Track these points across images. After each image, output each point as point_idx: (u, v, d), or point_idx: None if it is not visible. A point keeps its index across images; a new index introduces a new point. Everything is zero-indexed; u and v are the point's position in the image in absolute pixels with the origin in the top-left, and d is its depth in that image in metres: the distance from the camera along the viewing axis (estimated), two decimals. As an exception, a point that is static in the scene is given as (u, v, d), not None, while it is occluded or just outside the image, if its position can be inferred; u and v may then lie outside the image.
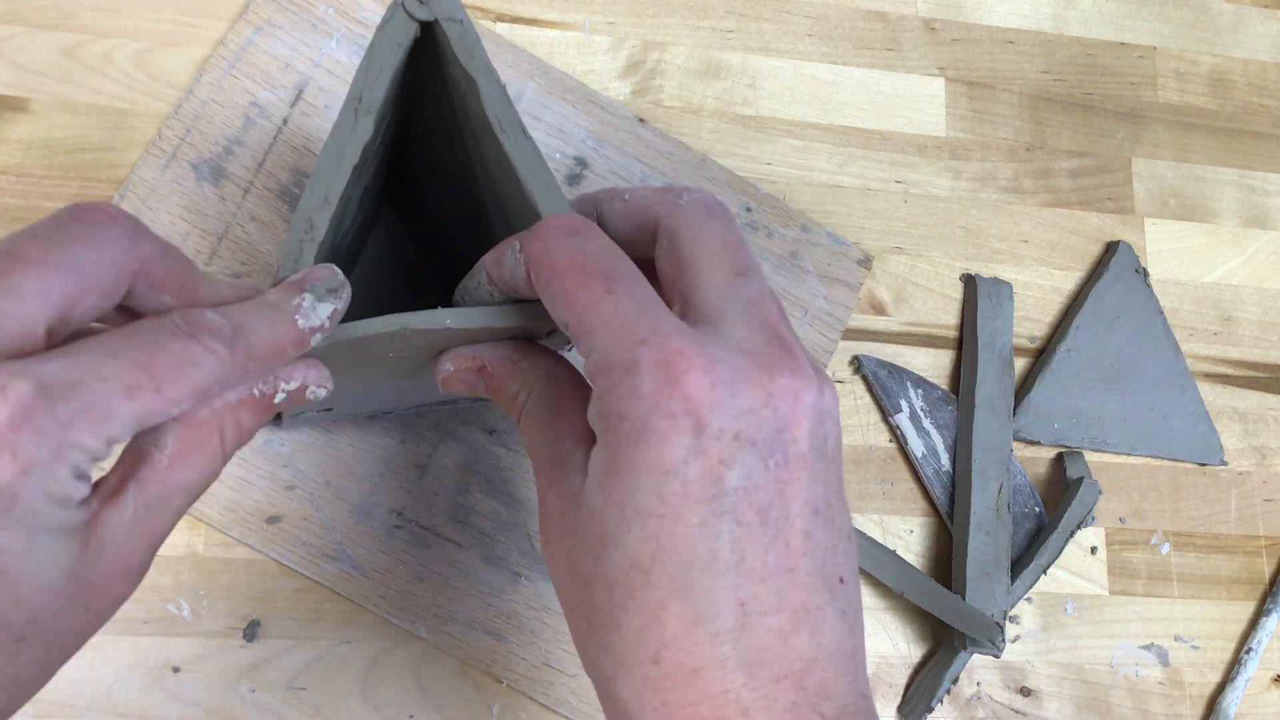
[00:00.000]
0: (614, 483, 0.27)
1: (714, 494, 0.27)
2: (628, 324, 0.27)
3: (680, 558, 0.26)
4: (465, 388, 0.34)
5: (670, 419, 0.26)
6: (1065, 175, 0.57)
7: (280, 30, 0.49)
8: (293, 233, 0.31)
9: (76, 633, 0.27)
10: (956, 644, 0.48)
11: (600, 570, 0.27)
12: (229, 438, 0.29)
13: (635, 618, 0.27)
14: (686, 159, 0.52)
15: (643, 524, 0.27)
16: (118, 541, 0.27)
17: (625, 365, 0.27)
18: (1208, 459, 0.54)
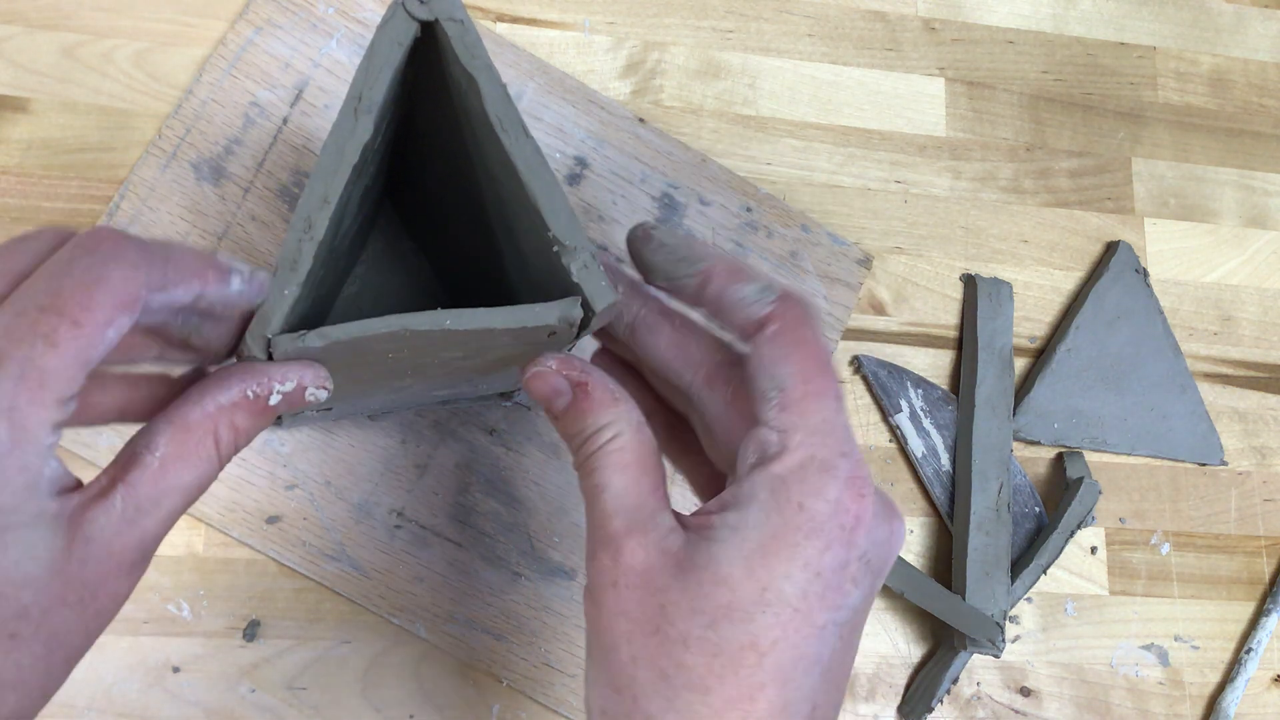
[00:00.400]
0: (764, 563, 0.28)
1: (839, 605, 0.29)
2: (838, 431, 0.29)
3: (794, 651, 0.28)
4: (547, 391, 0.33)
5: (841, 530, 0.29)
6: (1065, 175, 0.57)
7: (280, 30, 0.49)
8: (292, 232, 0.31)
9: (77, 632, 0.26)
10: (956, 644, 0.48)
11: (711, 637, 0.28)
12: (224, 440, 0.29)
13: (731, 690, 0.28)
14: (686, 159, 0.52)
15: (778, 612, 0.28)
16: (106, 540, 0.26)
17: (824, 465, 0.29)
18: (1208, 459, 0.54)
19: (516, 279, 0.39)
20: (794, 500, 0.28)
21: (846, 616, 0.29)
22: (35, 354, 0.24)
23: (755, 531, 0.29)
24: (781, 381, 0.30)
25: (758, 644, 0.28)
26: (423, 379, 0.38)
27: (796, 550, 0.28)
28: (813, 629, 0.28)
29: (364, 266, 0.46)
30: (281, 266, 0.31)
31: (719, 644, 0.28)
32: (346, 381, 0.36)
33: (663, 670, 0.29)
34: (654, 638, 0.29)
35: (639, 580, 0.29)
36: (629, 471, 0.31)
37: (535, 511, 0.47)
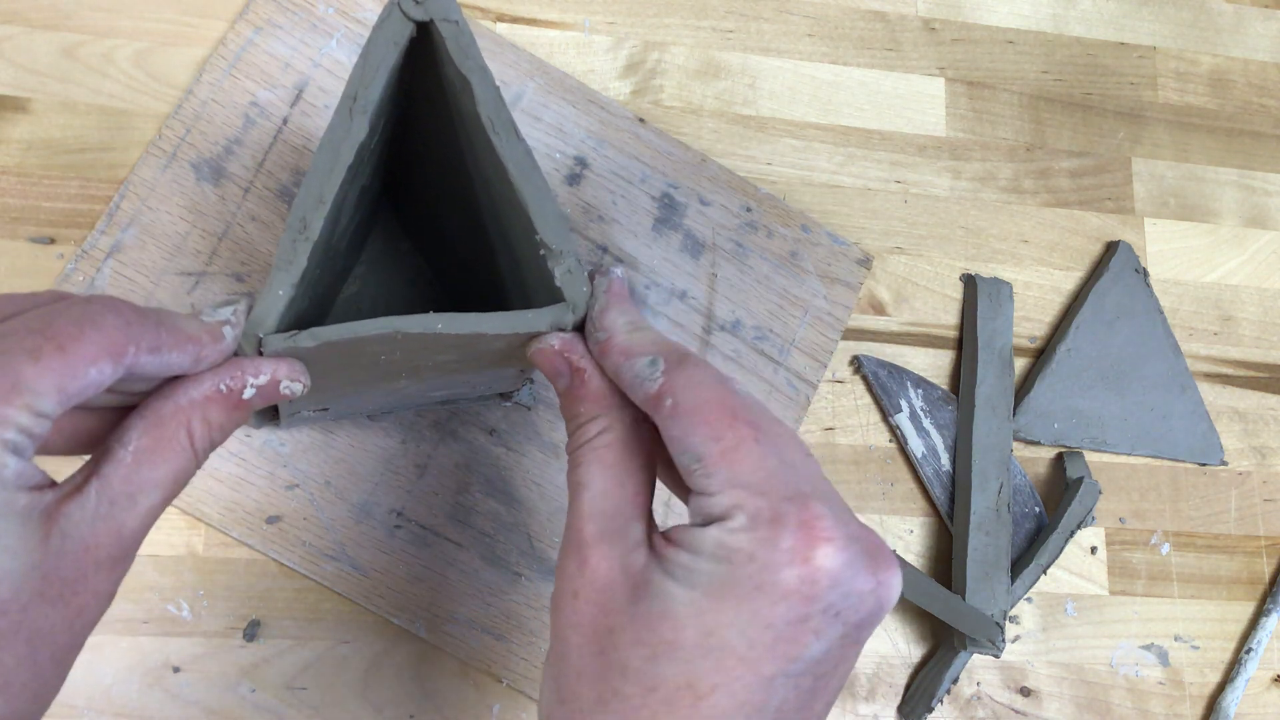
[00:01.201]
0: (713, 609, 0.27)
1: (793, 657, 0.27)
2: (778, 476, 0.28)
3: (735, 699, 0.27)
4: (550, 370, 0.33)
5: (798, 582, 0.27)
6: (1065, 175, 0.57)
7: (280, 30, 0.49)
8: (287, 232, 0.31)
9: (61, 630, 0.26)
10: (956, 644, 0.48)
11: (650, 670, 0.28)
12: (198, 434, 0.29)
13: None
14: (686, 159, 0.52)
15: (721, 658, 0.27)
16: (82, 534, 0.26)
17: (771, 516, 0.27)
18: (1208, 459, 0.54)
19: (509, 281, 0.39)
20: (743, 552, 0.27)
21: (802, 669, 0.28)
22: (15, 363, 0.25)
23: (705, 578, 0.28)
24: (697, 450, 0.29)
25: (695, 687, 0.27)
26: (418, 380, 0.38)
27: (745, 601, 0.27)
28: (758, 679, 0.27)
29: (363, 266, 0.46)
30: (276, 266, 0.31)
31: (656, 679, 0.27)
32: (342, 382, 0.36)
33: (601, 695, 0.28)
34: (599, 659, 0.28)
35: (596, 596, 0.29)
36: (612, 472, 0.31)
37: (535, 511, 0.47)
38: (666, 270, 0.50)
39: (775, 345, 0.51)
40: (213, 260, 0.46)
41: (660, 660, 0.27)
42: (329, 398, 0.38)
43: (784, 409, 0.50)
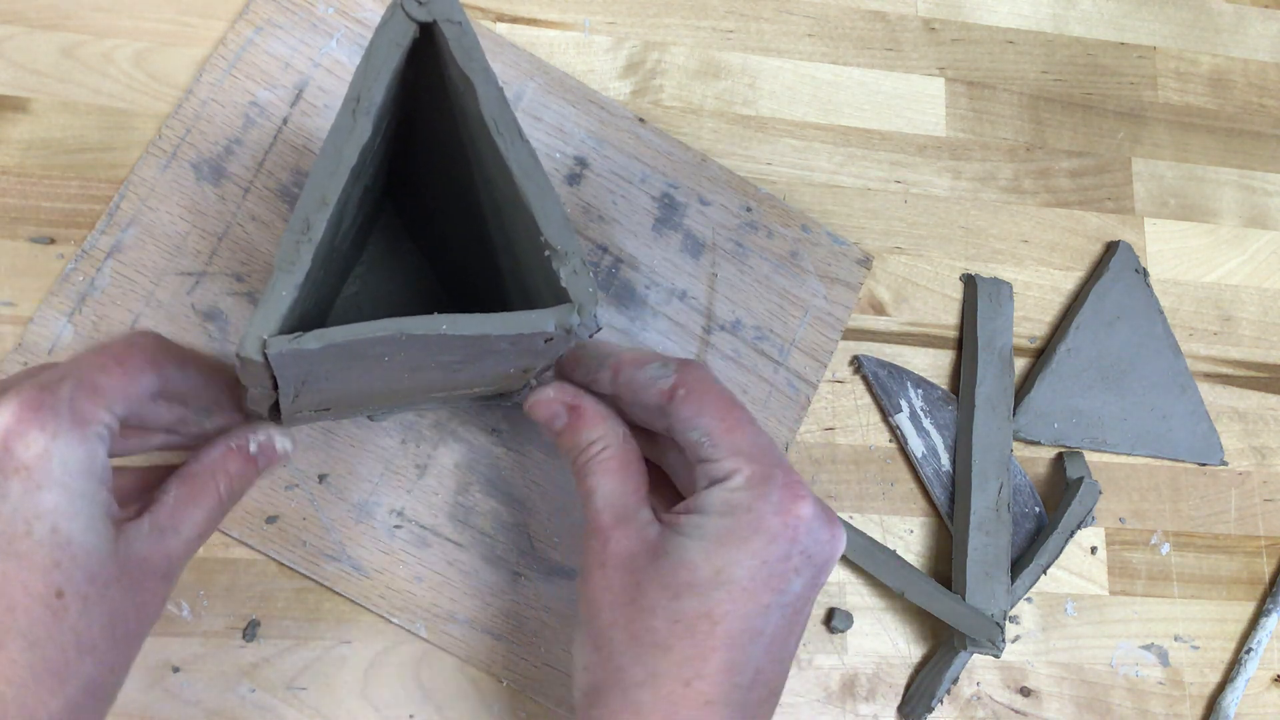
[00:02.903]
0: (720, 551, 0.35)
1: (781, 589, 0.35)
2: (767, 449, 0.36)
3: (743, 623, 0.35)
4: (548, 415, 0.39)
5: (783, 527, 0.35)
6: (1065, 175, 0.57)
7: (280, 30, 0.49)
8: (289, 233, 0.31)
9: (130, 616, 0.33)
10: (956, 644, 0.48)
11: (675, 606, 0.35)
12: (222, 484, 0.36)
13: (687, 648, 0.34)
14: (686, 159, 0.52)
15: (730, 590, 0.34)
16: (138, 549, 0.33)
17: (763, 476, 0.35)
18: (1208, 459, 0.54)
19: (511, 281, 0.39)
20: (743, 505, 0.35)
21: (789, 600, 0.35)
22: (90, 374, 0.32)
23: (713, 529, 0.35)
24: (705, 427, 0.36)
25: (712, 614, 0.34)
26: (420, 381, 0.38)
27: (746, 543, 0.35)
28: (758, 606, 0.35)
29: (364, 267, 0.46)
30: (279, 268, 0.31)
31: (680, 612, 0.34)
32: (343, 382, 0.36)
33: (634, 632, 0.35)
34: (630, 607, 0.35)
35: (622, 562, 0.36)
36: (615, 475, 0.38)
37: (535, 511, 0.47)
38: (666, 270, 0.50)
39: (775, 345, 0.51)
40: (213, 260, 0.46)
41: (682, 597, 0.34)
42: (331, 397, 0.38)
43: (784, 409, 0.50)
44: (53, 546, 0.31)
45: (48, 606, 0.31)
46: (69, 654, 0.31)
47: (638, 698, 0.34)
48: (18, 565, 0.30)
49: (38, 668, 0.31)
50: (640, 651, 0.35)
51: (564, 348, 0.35)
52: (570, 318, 0.32)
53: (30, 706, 0.30)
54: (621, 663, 0.35)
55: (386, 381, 0.37)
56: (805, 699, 0.48)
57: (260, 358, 0.30)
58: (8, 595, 0.30)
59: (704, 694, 0.34)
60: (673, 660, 0.34)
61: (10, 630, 0.30)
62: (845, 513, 0.50)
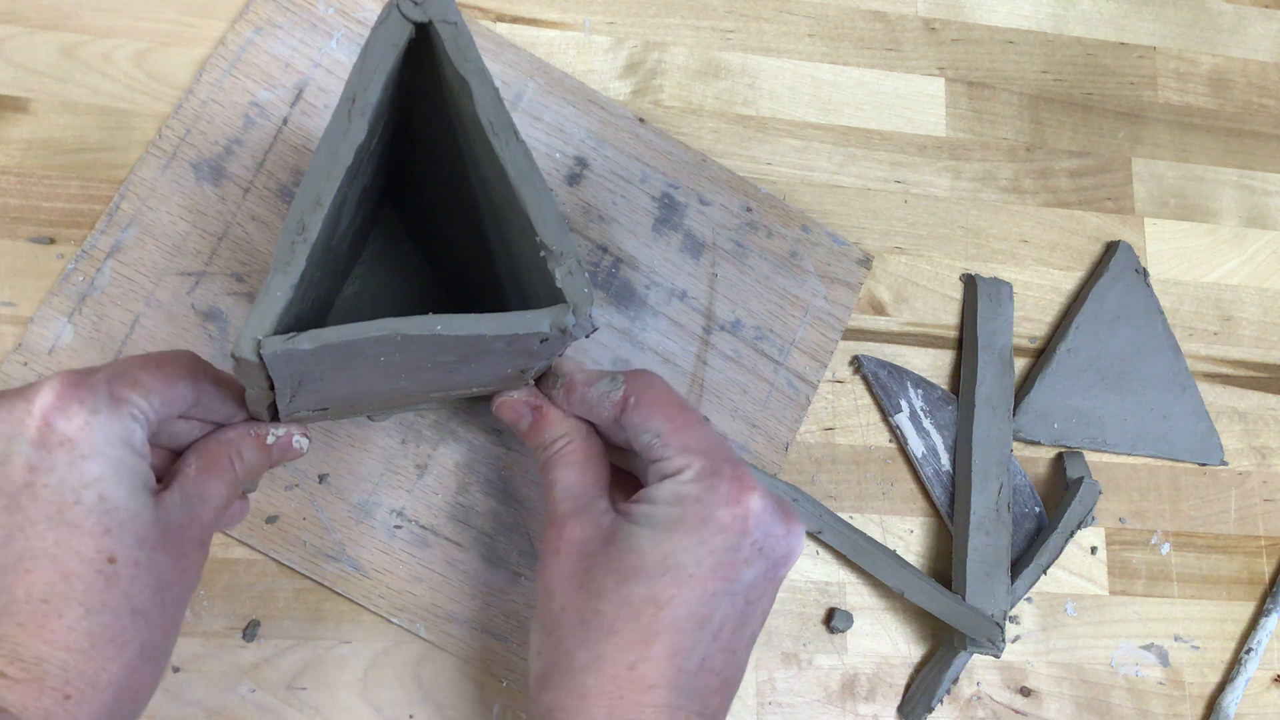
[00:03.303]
0: (668, 539, 0.36)
1: (729, 578, 0.36)
2: (717, 445, 0.38)
3: (687, 610, 0.35)
4: (514, 416, 0.41)
5: (732, 519, 0.36)
6: (1065, 175, 0.57)
7: (280, 30, 0.49)
8: (285, 233, 0.31)
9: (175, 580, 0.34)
10: (956, 644, 0.48)
11: (621, 590, 0.35)
12: (236, 461, 0.37)
13: (632, 633, 0.35)
14: (686, 159, 0.52)
15: (674, 575, 0.35)
16: (174, 518, 0.34)
17: (712, 470, 0.37)
18: (1208, 459, 0.54)
19: (508, 282, 0.39)
20: (691, 496, 0.36)
21: (739, 590, 0.36)
22: (133, 370, 0.34)
23: (662, 517, 0.36)
24: (656, 429, 0.38)
25: (656, 599, 0.35)
26: (418, 382, 0.38)
27: (694, 532, 0.36)
28: (704, 594, 0.35)
29: (364, 267, 0.46)
30: (274, 268, 0.31)
31: (627, 596, 0.35)
32: (341, 382, 0.36)
33: (583, 616, 0.36)
34: (579, 591, 0.36)
35: (575, 549, 0.37)
36: (575, 468, 0.39)
37: (535, 511, 0.47)
38: (666, 270, 0.50)
39: (775, 345, 0.51)
40: (213, 260, 0.46)
41: (629, 581, 0.35)
42: (329, 397, 0.38)
43: (784, 409, 0.50)
44: (101, 513, 0.32)
45: (101, 572, 0.32)
46: (124, 619, 0.32)
47: (583, 681, 0.35)
48: (70, 533, 0.31)
49: (96, 634, 0.31)
50: (587, 635, 0.35)
51: (560, 348, 0.35)
52: (565, 318, 0.32)
53: (90, 673, 0.31)
54: (569, 646, 0.36)
55: (383, 382, 0.37)
56: (805, 699, 0.48)
57: (255, 358, 0.30)
58: (62, 563, 0.31)
59: (647, 678, 0.35)
60: (617, 644, 0.35)
61: (67, 598, 0.31)
62: (845, 513, 0.51)
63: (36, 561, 0.31)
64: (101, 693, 0.32)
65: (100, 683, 0.32)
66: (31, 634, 0.31)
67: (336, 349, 0.31)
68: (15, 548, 0.31)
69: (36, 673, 0.31)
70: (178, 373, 0.35)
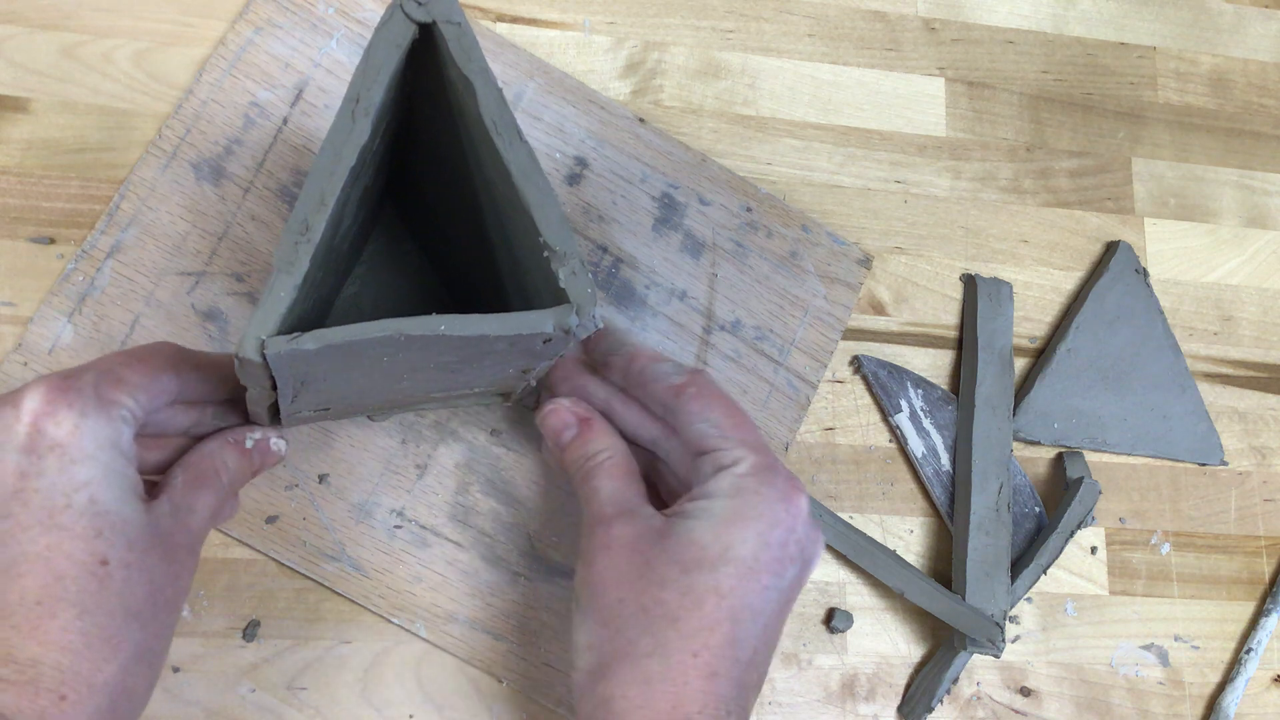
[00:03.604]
0: (728, 531, 0.37)
1: (780, 573, 0.37)
2: (765, 444, 0.39)
3: (745, 600, 0.36)
4: (559, 425, 0.41)
5: (785, 514, 0.37)
6: (1065, 175, 0.57)
7: (280, 30, 0.49)
8: (288, 234, 0.31)
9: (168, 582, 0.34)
10: (956, 644, 0.48)
11: (684, 580, 0.36)
12: (223, 474, 0.38)
13: (695, 620, 0.36)
14: (686, 159, 0.52)
15: (736, 567, 0.36)
16: (163, 524, 0.34)
17: (767, 465, 0.38)
18: (1208, 459, 0.54)
19: (511, 282, 0.39)
20: (750, 489, 0.37)
21: (785, 586, 0.37)
22: (112, 367, 0.34)
23: (721, 510, 0.37)
24: (715, 421, 0.39)
25: (719, 589, 0.36)
26: (420, 382, 0.38)
27: (751, 524, 0.37)
28: (759, 586, 0.37)
29: (365, 266, 0.46)
30: (278, 269, 0.31)
31: (689, 586, 0.36)
32: (343, 381, 0.36)
33: (644, 605, 0.36)
34: (639, 582, 0.36)
35: (627, 545, 0.37)
36: (620, 479, 0.40)
37: (535, 511, 0.47)
38: (666, 270, 0.50)
39: (775, 345, 0.51)
40: (213, 260, 0.46)
41: (691, 571, 0.36)
42: (331, 397, 0.38)
43: (784, 409, 0.50)
44: (93, 516, 0.32)
45: (94, 574, 0.32)
46: (118, 620, 0.32)
47: (647, 667, 0.35)
48: (62, 536, 0.32)
49: (90, 635, 0.32)
50: (650, 623, 0.36)
51: (562, 348, 0.35)
52: (569, 318, 0.32)
53: (86, 673, 0.31)
54: (631, 635, 0.36)
55: (386, 382, 0.37)
56: (805, 699, 0.48)
57: (259, 358, 0.30)
58: (55, 566, 0.31)
59: (709, 665, 0.35)
60: (681, 632, 0.35)
61: (61, 600, 0.31)
62: (845, 513, 0.51)
63: (29, 565, 0.31)
64: (97, 694, 0.32)
65: (96, 683, 0.32)
66: (26, 636, 0.31)
67: (340, 349, 0.31)
68: (8, 553, 0.32)
69: (31, 674, 0.31)
70: (161, 366, 0.35)
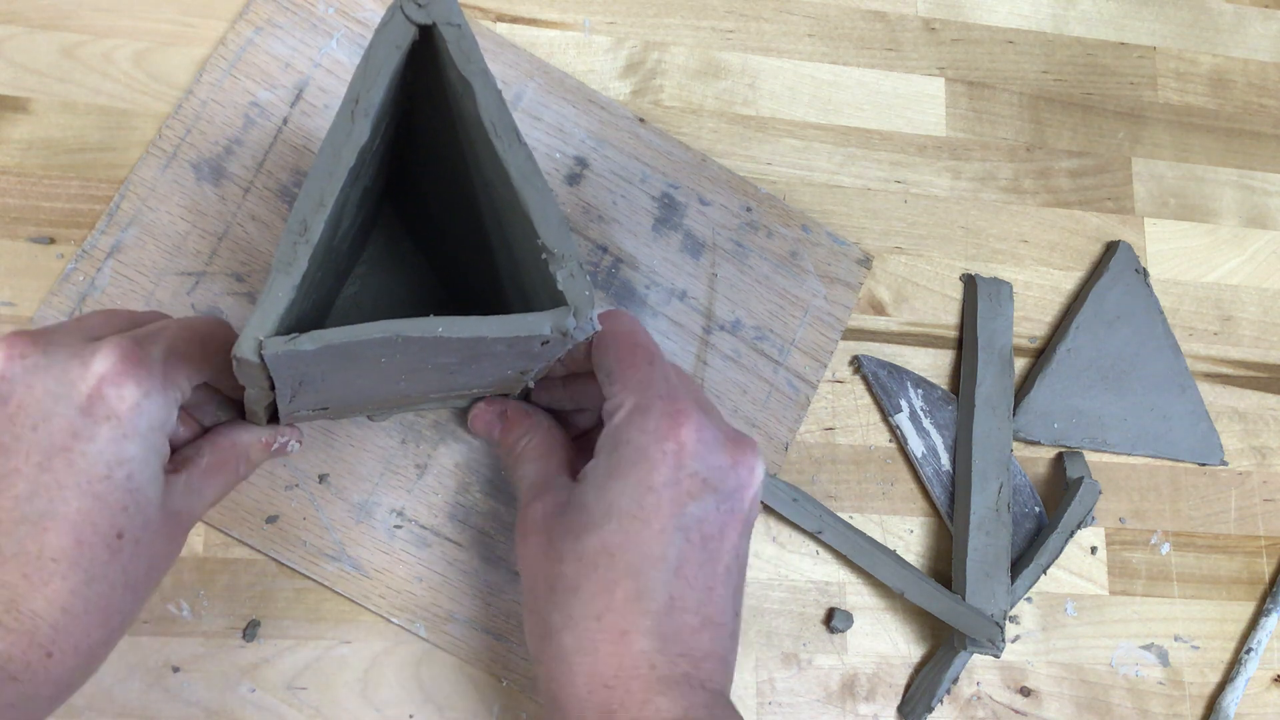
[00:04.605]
0: (608, 487, 0.36)
1: (676, 514, 0.35)
2: (653, 384, 0.37)
3: (639, 551, 0.35)
4: (485, 428, 0.43)
5: (662, 453, 0.36)
6: (1065, 175, 0.57)
7: (280, 30, 0.49)
8: (287, 235, 0.31)
9: (164, 559, 0.35)
10: (956, 644, 0.48)
11: (576, 548, 0.36)
12: (242, 467, 0.40)
13: (593, 584, 0.35)
14: (686, 159, 0.52)
15: (620, 520, 0.35)
16: (178, 501, 0.36)
17: (642, 408, 0.36)
18: (1208, 459, 0.54)
19: (509, 283, 0.39)
20: (624, 438, 0.36)
21: (689, 524, 0.36)
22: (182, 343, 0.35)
23: (602, 467, 0.37)
24: (608, 366, 0.38)
25: (608, 547, 0.35)
26: (418, 383, 0.38)
27: (628, 473, 0.36)
28: (651, 532, 0.35)
29: (364, 267, 0.46)
30: (276, 269, 0.31)
31: (581, 552, 0.36)
32: (342, 382, 0.36)
33: (550, 583, 0.36)
34: (544, 561, 0.37)
35: (539, 526, 0.38)
36: (539, 460, 0.41)
37: (535, 511, 0.47)
38: (666, 270, 0.50)
39: (775, 345, 0.51)
40: (213, 260, 0.46)
41: (581, 537, 0.36)
42: (329, 397, 0.38)
43: (784, 409, 0.50)
44: (125, 492, 0.33)
45: (109, 546, 0.33)
46: (117, 591, 0.33)
47: (561, 643, 0.35)
48: (94, 505, 0.33)
49: (91, 602, 0.33)
50: (555, 598, 0.36)
51: (560, 350, 0.35)
52: (566, 320, 0.32)
53: (76, 636, 0.33)
54: (544, 613, 0.36)
55: (384, 383, 0.37)
56: (805, 699, 0.48)
57: (256, 359, 0.30)
58: (80, 531, 0.32)
59: (616, 625, 0.35)
60: (582, 599, 0.35)
61: (75, 564, 0.32)
62: (845, 513, 0.51)
63: (56, 524, 0.32)
64: (80, 656, 0.33)
65: (82, 647, 0.33)
66: (34, 589, 0.32)
67: (338, 350, 0.31)
68: (38, 505, 0.32)
69: (29, 626, 0.32)
70: (217, 349, 0.36)
